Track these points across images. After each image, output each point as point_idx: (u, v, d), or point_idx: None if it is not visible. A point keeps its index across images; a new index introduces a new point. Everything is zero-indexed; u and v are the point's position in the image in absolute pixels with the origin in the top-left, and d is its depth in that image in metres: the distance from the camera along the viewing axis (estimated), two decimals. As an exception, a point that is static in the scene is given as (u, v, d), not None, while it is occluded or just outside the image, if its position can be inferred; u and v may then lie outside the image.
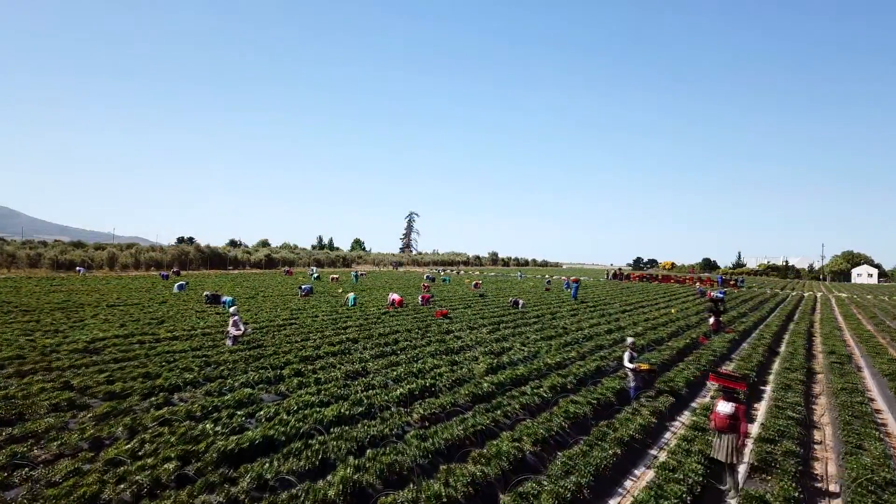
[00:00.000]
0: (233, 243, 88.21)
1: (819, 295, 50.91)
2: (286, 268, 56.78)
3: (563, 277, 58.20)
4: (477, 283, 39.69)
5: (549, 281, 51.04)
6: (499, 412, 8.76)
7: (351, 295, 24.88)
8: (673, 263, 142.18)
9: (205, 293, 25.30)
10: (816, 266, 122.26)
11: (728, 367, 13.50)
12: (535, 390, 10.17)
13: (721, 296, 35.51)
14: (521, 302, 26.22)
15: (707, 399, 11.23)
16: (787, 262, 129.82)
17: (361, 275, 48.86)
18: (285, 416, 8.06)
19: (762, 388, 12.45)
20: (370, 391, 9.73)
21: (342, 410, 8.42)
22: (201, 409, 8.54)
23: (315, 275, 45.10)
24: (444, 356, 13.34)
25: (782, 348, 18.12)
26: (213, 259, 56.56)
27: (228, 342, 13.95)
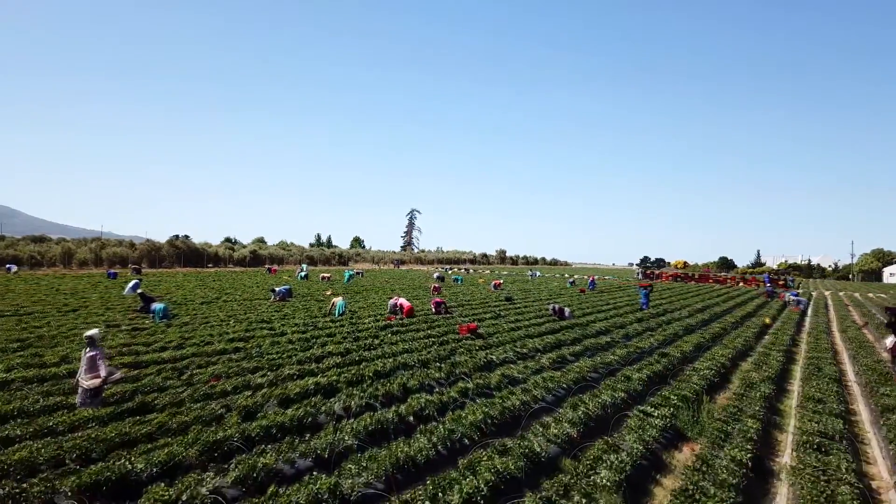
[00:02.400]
0: (228, 241, 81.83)
1: (885, 296, 44.15)
2: (269, 265, 50.08)
3: (587, 276, 51.37)
4: (497, 283, 32.88)
5: (573, 281, 44.18)
6: None
7: (339, 300, 18.07)
8: (685, 262, 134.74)
9: (138, 292, 18.67)
10: (841, 264, 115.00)
11: None
12: None
13: (797, 297, 28.94)
14: (567, 310, 19.33)
15: None
16: (809, 260, 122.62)
17: (356, 274, 41.89)
18: None
19: None
20: None
21: None
22: None
23: (303, 273, 38.35)
24: (503, 437, 6.58)
25: None
26: (190, 255, 49.77)
27: (79, 400, 7.20)
